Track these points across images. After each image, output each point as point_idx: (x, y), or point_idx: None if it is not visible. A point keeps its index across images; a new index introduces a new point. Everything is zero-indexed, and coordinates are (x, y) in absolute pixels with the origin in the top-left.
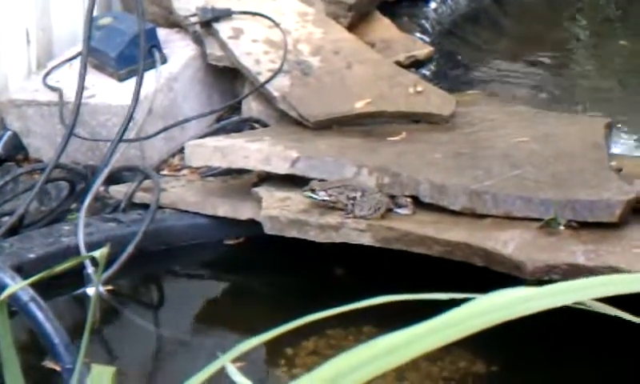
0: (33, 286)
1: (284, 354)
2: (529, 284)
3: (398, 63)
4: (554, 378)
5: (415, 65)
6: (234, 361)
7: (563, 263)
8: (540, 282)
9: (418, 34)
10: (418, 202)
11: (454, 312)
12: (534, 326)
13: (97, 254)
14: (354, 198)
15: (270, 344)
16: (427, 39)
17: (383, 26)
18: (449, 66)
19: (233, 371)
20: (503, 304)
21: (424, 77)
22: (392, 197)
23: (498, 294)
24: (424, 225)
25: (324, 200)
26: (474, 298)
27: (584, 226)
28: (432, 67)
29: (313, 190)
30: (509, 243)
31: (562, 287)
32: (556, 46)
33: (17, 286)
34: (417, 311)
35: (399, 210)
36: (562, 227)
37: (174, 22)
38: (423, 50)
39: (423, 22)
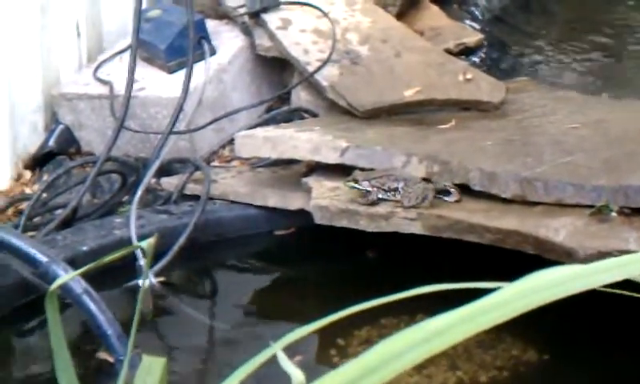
0: (86, 278)
1: (336, 344)
2: None
3: (448, 51)
4: (605, 367)
5: (465, 52)
6: (291, 354)
7: (615, 250)
8: None
9: (468, 22)
10: (467, 190)
11: (501, 292)
12: (586, 315)
13: (144, 244)
14: (396, 189)
15: (321, 334)
16: (477, 26)
17: (432, 14)
18: (498, 53)
19: (284, 360)
20: (553, 282)
21: (474, 64)
22: (430, 182)
23: (547, 272)
24: (474, 213)
25: (367, 190)
26: None
27: (636, 212)
28: (482, 54)
29: (356, 181)
30: (560, 230)
31: (610, 263)
32: (607, 32)
33: (69, 276)
34: (471, 299)
35: (445, 198)
36: (614, 214)
37: (223, 14)
38: (473, 37)
39: (473, 9)
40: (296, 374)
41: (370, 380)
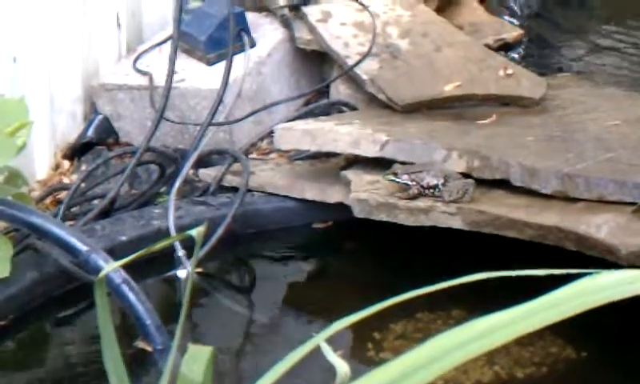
0: (124, 268)
1: (372, 337)
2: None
3: (487, 46)
4: None
5: (504, 48)
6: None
7: None
8: (634, 268)
9: (507, 17)
10: (507, 186)
11: (552, 294)
12: (627, 312)
13: (194, 232)
14: (435, 186)
15: (357, 328)
16: (516, 22)
17: (471, 9)
18: (538, 49)
19: (327, 351)
20: (604, 285)
21: (513, 60)
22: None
23: (597, 276)
24: (515, 208)
25: (407, 184)
26: (570, 275)
27: None
28: (521, 50)
29: (395, 174)
30: (602, 227)
31: None
32: None
33: (111, 266)
34: (505, 297)
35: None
36: None
37: (263, 6)
38: (512, 32)
39: (512, 4)
40: (341, 365)
41: (419, 376)
